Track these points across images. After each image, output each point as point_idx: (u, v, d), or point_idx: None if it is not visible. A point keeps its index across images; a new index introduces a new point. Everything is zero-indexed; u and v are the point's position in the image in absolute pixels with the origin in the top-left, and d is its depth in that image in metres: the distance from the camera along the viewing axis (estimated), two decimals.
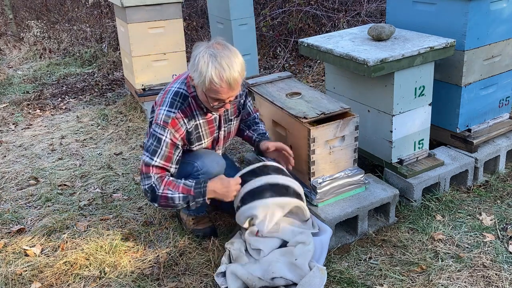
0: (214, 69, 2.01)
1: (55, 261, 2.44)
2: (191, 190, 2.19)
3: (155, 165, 2.20)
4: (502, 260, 2.27)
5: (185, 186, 2.20)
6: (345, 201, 2.48)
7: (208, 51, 2.04)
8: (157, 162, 2.20)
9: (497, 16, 2.76)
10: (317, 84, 4.90)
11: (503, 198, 2.76)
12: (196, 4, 6.85)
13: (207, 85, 2.05)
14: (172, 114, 2.20)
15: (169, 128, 2.20)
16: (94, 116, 4.43)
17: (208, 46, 2.06)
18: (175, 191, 2.19)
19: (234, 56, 2.06)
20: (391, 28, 2.71)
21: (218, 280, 2.19)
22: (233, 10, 4.44)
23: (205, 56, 2.03)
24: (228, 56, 2.04)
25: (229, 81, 2.04)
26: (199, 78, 2.06)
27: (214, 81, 2.03)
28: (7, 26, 7.77)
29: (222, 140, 2.49)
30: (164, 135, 2.19)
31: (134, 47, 4.13)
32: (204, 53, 2.04)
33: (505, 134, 3.05)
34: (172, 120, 2.20)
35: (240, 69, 2.08)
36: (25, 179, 3.33)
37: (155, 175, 2.20)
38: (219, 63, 2.01)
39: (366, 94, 2.74)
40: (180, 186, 2.20)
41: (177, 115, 2.21)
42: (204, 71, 2.02)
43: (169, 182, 2.21)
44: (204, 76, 2.03)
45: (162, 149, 2.20)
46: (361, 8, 5.74)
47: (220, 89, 2.06)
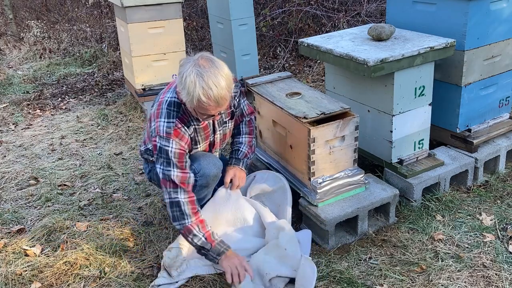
0: (201, 89, 2.01)
1: (55, 261, 2.44)
2: (214, 242, 2.19)
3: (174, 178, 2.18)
4: (502, 260, 2.27)
5: (212, 235, 2.20)
6: (345, 201, 2.48)
7: (195, 70, 2.02)
8: (175, 172, 2.19)
9: (497, 16, 2.76)
10: (317, 84, 4.90)
11: (503, 198, 2.76)
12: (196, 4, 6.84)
13: (195, 104, 2.07)
14: (172, 124, 2.20)
15: (172, 138, 2.19)
16: (94, 116, 4.43)
17: (194, 63, 2.05)
18: (201, 232, 2.18)
19: (220, 73, 2.05)
20: (391, 28, 2.71)
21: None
22: (233, 10, 4.43)
23: (191, 75, 2.02)
24: (214, 74, 2.03)
25: (217, 99, 2.05)
26: (187, 97, 2.06)
27: (202, 100, 2.03)
28: (7, 26, 7.77)
29: (219, 143, 2.50)
30: (170, 146, 2.19)
31: (134, 47, 4.13)
32: (191, 71, 2.03)
33: (505, 134, 3.05)
34: (174, 130, 2.19)
35: (227, 85, 2.08)
36: (25, 179, 3.33)
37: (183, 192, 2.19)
38: (206, 83, 2.01)
39: (366, 94, 2.74)
40: (208, 232, 2.19)
41: (177, 124, 2.21)
42: (192, 90, 2.02)
43: (202, 220, 2.21)
44: (191, 95, 2.03)
45: (172, 160, 2.18)
46: (361, 8, 5.74)
47: (208, 107, 2.08)
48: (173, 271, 2.25)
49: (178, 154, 2.20)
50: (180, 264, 2.27)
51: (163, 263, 2.28)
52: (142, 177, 3.25)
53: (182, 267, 2.27)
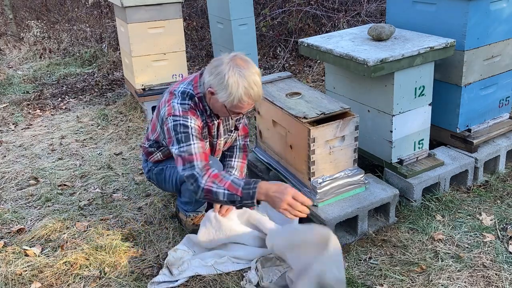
0: (244, 89, 2.08)
1: (55, 261, 2.44)
2: (238, 190, 2.05)
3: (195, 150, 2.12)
4: (502, 260, 2.27)
5: (233, 184, 2.06)
6: (345, 201, 2.48)
7: (237, 71, 2.08)
8: (195, 144, 2.13)
9: (497, 16, 2.76)
10: (317, 84, 4.90)
11: (503, 198, 2.76)
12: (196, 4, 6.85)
13: (235, 103, 2.12)
14: (186, 105, 2.21)
15: (189, 115, 2.19)
16: (94, 116, 4.43)
17: (233, 64, 2.09)
18: (220, 186, 2.06)
19: (257, 72, 2.14)
20: (391, 28, 2.71)
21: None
22: (233, 10, 4.43)
23: (235, 76, 2.07)
24: (253, 74, 2.11)
25: (256, 98, 2.15)
26: (228, 97, 2.10)
27: (243, 99, 2.10)
28: (7, 26, 7.77)
29: (220, 150, 2.52)
30: (189, 121, 2.17)
31: (134, 47, 4.13)
32: (233, 72, 2.07)
33: (505, 134, 3.05)
34: (190, 110, 2.21)
35: (261, 82, 2.17)
36: (25, 179, 3.33)
37: (199, 163, 2.11)
38: (248, 83, 2.09)
39: (366, 94, 2.74)
40: (228, 182, 2.07)
41: (191, 105, 2.23)
42: (235, 91, 2.08)
43: (215, 174, 2.09)
44: (234, 95, 2.09)
45: (192, 133, 2.15)
46: (361, 8, 5.74)
47: (246, 106, 2.16)
48: (174, 269, 2.26)
49: (196, 130, 2.18)
50: (182, 263, 2.29)
51: (166, 261, 2.31)
52: (142, 177, 3.25)
53: (184, 266, 2.29)
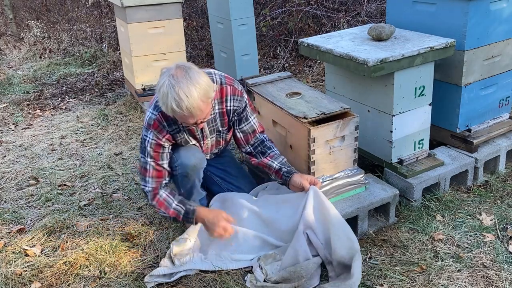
0: (173, 100, 2.04)
1: (55, 261, 2.44)
2: (180, 217, 2.32)
3: (148, 166, 2.33)
4: (502, 260, 2.27)
5: (175, 211, 2.32)
6: (345, 201, 2.48)
7: (168, 81, 2.06)
8: (149, 161, 2.32)
9: (497, 16, 2.76)
10: (317, 84, 4.90)
11: (503, 198, 2.76)
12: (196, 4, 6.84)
13: (171, 113, 2.13)
14: (154, 116, 2.29)
15: (151, 130, 2.30)
16: (94, 116, 4.43)
17: (169, 74, 2.08)
18: (165, 212, 2.33)
19: (193, 84, 2.06)
20: (391, 28, 2.71)
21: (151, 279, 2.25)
22: (233, 10, 4.43)
23: (164, 87, 2.06)
24: (186, 84, 2.04)
25: (190, 109, 2.06)
26: (163, 106, 2.12)
27: (175, 110, 2.08)
28: (7, 26, 7.77)
29: (209, 148, 2.54)
30: (148, 136, 2.30)
31: (134, 47, 4.13)
32: (164, 82, 2.07)
33: (505, 134, 3.05)
34: (153, 122, 2.29)
35: (202, 94, 2.08)
36: (25, 179, 3.33)
37: (151, 182, 2.34)
38: (177, 93, 2.03)
39: (366, 94, 2.74)
40: (171, 211, 2.32)
41: (157, 117, 2.28)
42: (165, 101, 2.07)
43: (161, 203, 2.33)
44: (166, 105, 2.09)
45: (147, 149, 2.31)
46: (361, 8, 5.74)
47: (184, 116, 2.12)
48: (176, 260, 2.29)
49: (154, 145, 2.31)
50: (186, 254, 2.31)
51: (170, 251, 2.33)
52: None
53: (186, 259, 2.30)
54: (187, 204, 2.33)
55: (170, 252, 2.33)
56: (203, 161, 2.46)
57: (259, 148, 2.52)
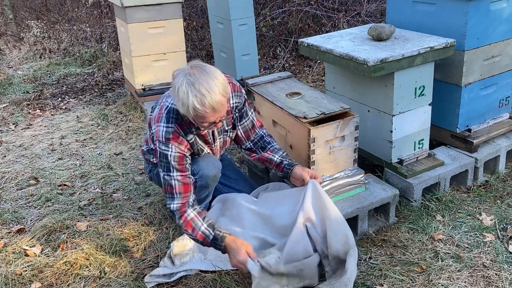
0: (194, 98, 1.99)
1: (55, 261, 2.44)
2: (208, 242, 2.18)
3: (174, 182, 2.21)
4: (502, 260, 2.27)
5: (203, 235, 2.18)
6: (345, 201, 2.48)
7: (186, 80, 2.01)
8: (175, 176, 2.21)
9: (497, 16, 2.76)
10: (317, 84, 4.90)
11: (503, 198, 2.76)
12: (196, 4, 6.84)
13: (192, 114, 2.05)
14: (170, 129, 2.21)
15: (172, 143, 2.20)
16: (94, 116, 4.43)
17: (186, 73, 2.04)
18: (193, 235, 2.19)
19: (212, 79, 2.03)
20: (391, 28, 2.71)
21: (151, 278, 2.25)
22: (233, 10, 4.43)
23: (183, 86, 2.00)
24: (206, 81, 2.01)
25: (212, 105, 2.02)
26: (183, 108, 2.05)
27: (197, 108, 2.01)
28: (7, 26, 7.77)
29: (218, 150, 2.51)
30: (170, 150, 2.20)
31: (134, 47, 4.13)
32: (182, 82, 2.01)
33: (505, 134, 3.05)
34: (173, 135, 2.21)
35: (222, 89, 2.05)
36: (25, 179, 3.33)
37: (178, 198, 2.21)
38: (198, 90, 1.99)
39: (366, 94, 2.74)
40: (199, 234, 2.18)
41: (175, 129, 2.21)
42: (186, 101, 2.01)
43: (188, 223, 2.19)
44: (186, 106, 2.02)
45: (171, 164, 2.21)
46: (361, 8, 5.74)
47: (206, 114, 2.06)
48: (177, 260, 2.28)
49: (178, 158, 2.21)
50: (186, 254, 2.31)
51: (170, 251, 2.32)
52: (142, 177, 3.25)
53: (186, 259, 2.30)
54: (216, 229, 2.18)
55: (170, 252, 2.33)
56: (221, 168, 2.45)
57: (259, 144, 2.51)
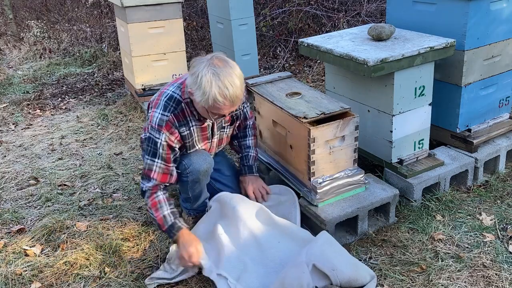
0: (217, 88, 2.03)
1: (55, 261, 2.44)
2: (164, 227, 2.28)
3: (155, 168, 2.28)
4: (502, 260, 2.27)
5: (163, 218, 2.27)
6: (345, 201, 2.48)
7: (211, 70, 2.04)
8: (158, 163, 2.27)
9: (497, 16, 2.76)
10: (317, 84, 4.90)
11: (503, 198, 2.76)
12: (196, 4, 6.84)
13: (210, 104, 2.08)
14: (165, 117, 2.24)
15: (163, 131, 2.24)
16: (94, 116, 4.43)
17: (209, 63, 2.07)
18: (155, 215, 2.29)
19: (234, 73, 2.09)
20: (391, 28, 2.71)
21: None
22: (233, 10, 4.43)
23: (208, 75, 2.04)
24: (229, 74, 2.06)
25: (232, 99, 2.07)
26: (202, 96, 2.07)
27: (217, 100, 2.05)
28: (7, 26, 7.76)
29: (214, 147, 2.53)
30: (160, 138, 2.24)
31: (134, 47, 4.13)
32: (206, 71, 2.04)
33: (505, 134, 3.05)
34: (166, 124, 2.24)
35: (241, 84, 2.12)
36: (25, 179, 3.33)
37: (153, 181, 2.29)
38: (222, 82, 2.03)
39: (366, 94, 2.74)
40: (159, 216, 2.28)
41: (170, 119, 2.24)
42: (208, 90, 2.04)
43: (154, 203, 2.29)
44: (207, 95, 2.05)
45: (159, 151, 2.26)
46: (361, 8, 5.74)
47: (223, 107, 2.09)
48: (173, 264, 2.27)
49: (166, 147, 2.26)
50: None
51: (168, 256, 2.31)
52: None
53: None
54: (177, 219, 2.28)
55: (168, 256, 2.31)
56: (212, 165, 2.46)
57: (240, 133, 2.64)
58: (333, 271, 2.03)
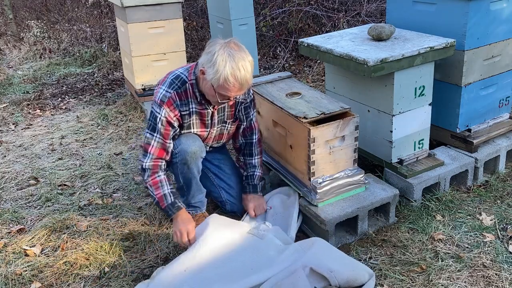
0: (231, 69, 2.12)
1: (55, 261, 2.44)
2: (164, 204, 2.38)
3: (154, 142, 2.36)
4: (502, 260, 2.27)
5: (163, 197, 2.37)
6: (345, 201, 2.48)
7: (227, 51, 2.14)
8: (156, 137, 2.35)
9: (497, 16, 2.76)
10: (317, 84, 4.90)
11: (503, 198, 2.76)
12: (196, 4, 6.84)
13: (220, 83, 2.16)
14: (168, 94, 2.34)
15: (164, 107, 2.32)
16: (94, 116, 4.43)
17: (226, 45, 2.17)
18: (154, 193, 2.38)
19: (248, 58, 2.18)
20: (391, 28, 2.71)
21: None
22: (233, 10, 4.43)
23: (224, 55, 2.13)
24: (243, 58, 2.16)
25: (242, 81, 2.16)
26: (215, 74, 2.15)
27: (228, 79, 2.13)
28: (7, 26, 7.76)
29: (212, 138, 2.57)
30: (160, 113, 2.33)
31: (134, 47, 4.13)
32: (223, 52, 2.15)
33: (505, 134, 3.05)
34: (168, 100, 2.33)
35: (251, 71, 2.21)
36: (25, 179, 3.33)
37: (150, 159, 2.36)
38: (236, 64, 2.13)
39: (366, 94, 2.74)
40: (160, 194, 2.37)
41: (172, 96, 2.33)
42: (221, 69, 2.12)
43: (155, 181, 2.37)
44: (220, 73, 2.13)
45: (158, 126, 2.34)
46: (361, 8, 5.74)
47: (232, 88, 2.17)
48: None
49: (165, 122, 2.34)
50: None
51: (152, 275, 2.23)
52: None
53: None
54: (177, 198, 2.40)
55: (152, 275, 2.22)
56: (202, 150, 2.49)
57: (247, 151, 2.67)
58: (331, 272, 2.03)
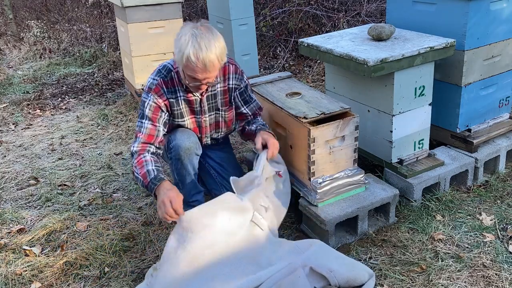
0: (192, 48, 2.12)
1: (55, 261, 2.44)
2: (146, 180, 2.21)
3: (143, 128, 2.33)
4: (502, 260, 2.27)
5: (146, 173, 2.22)
6: (345, 201, 2.48)
7: (191, 31, 2.14)
8: (145, 123, 2.34)
9: (497, 16, 2.76)
10: (317, 84, 4.90)
11: (503, 198, 2.76)
12: (196, 4, 6.84)
13: (184, 62, 2.16)
14: (155, 81, 2.37)
15: (152, 93, 2.35)
16: (94, 116, 4.43)
17: (193, 26, 2.18)
18: (139, 172, 2.25)
19: (214, 40, 2.16)
20: (391, 28, 2.71)
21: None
22: (233, 10, 4.43)
23: (187, 35, 2.14)
24: (208, 38, 2.14)
25: (205, 61, 2.14)
26: (178, 54, 2.17)
27: (190, 59, 2.13)
28: (7, 26, 7.76)
29: (208, 127, 2.55)
30: (148, 99, 2.36)
31: (134, 47, 4.13)
32: (187, 32, 2.15)
33: (505, 134, 3.05)
34: (155, 87, 2.35)
35: (219, 53, 2.17)
36: (25, 179, 3.33)
37: (140, 142, 2.32)
38: (198, 43, 2.12)
39: (366, 94, 2.74)
40: (143, 172, 2.23)
41: (159, 82, 2.36)
42: (183, 48, 2.13)
43: (140, 161, 2.27)
44: (182, 52, 2.14)
45: (146, 111, 2.35)
46: (361, 8, 5.74)
47: (196, 68, 2.16)
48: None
49: (153, 108, 2.35)
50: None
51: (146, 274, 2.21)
52: None
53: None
54: (161, 173, 2.22)
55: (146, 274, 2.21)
56: (198, 147, 2.47)
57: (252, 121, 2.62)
58: (331, 272, 2.04)
